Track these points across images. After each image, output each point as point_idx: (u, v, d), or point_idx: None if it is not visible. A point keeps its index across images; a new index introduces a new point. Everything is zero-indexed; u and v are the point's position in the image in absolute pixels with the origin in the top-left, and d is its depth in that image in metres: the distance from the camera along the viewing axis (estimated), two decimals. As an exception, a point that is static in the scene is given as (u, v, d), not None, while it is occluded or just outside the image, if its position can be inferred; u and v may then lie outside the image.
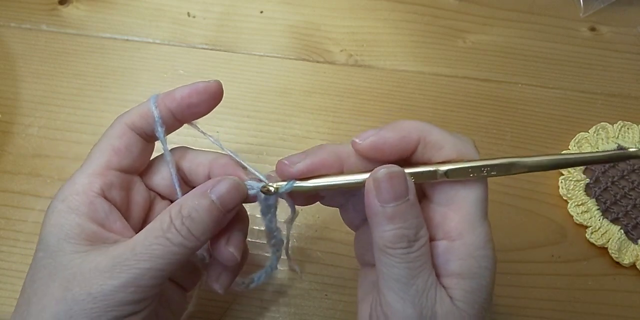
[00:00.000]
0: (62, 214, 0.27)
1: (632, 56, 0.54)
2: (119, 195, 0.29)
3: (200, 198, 0.27)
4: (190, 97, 0.29)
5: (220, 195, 0.27)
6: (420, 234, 0.26)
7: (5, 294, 0.38)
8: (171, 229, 0.26)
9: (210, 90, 0.29)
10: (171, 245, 0.25)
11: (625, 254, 0.42)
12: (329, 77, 0.50)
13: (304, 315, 0.39)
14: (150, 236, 0.26)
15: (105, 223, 0.27)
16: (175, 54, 0.51)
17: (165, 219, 0.26)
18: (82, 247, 0.26)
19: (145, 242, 0.25)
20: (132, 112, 0.29)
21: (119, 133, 0.29)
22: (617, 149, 0.47)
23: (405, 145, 0.27)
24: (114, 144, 0.29)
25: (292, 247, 0.41)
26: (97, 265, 0.25)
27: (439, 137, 0.27)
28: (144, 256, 0.25)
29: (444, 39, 0.54)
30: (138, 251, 0.25)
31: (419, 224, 0.26)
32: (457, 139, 0.27)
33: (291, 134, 0.47)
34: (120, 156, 0.29)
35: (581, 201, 0.44)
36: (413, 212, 0.26)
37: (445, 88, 0.50)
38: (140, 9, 0.53)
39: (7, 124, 0.46)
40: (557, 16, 0.56)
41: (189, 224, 0.26)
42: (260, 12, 0.54)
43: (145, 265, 0.25)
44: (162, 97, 0.29)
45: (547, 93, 0.51)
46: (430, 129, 0.27)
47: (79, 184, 0.28)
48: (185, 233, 0.26)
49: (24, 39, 0.50)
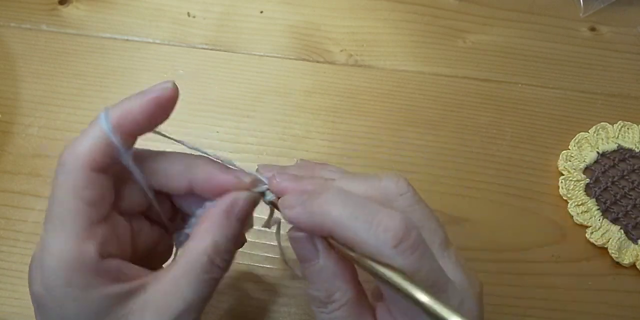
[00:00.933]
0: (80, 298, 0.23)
1: (632, 56, 0.54)
2: (113, 245, 0.25)
3: (229, 227, 0.25)
4: (153, 113, 0.25)
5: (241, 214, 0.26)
6: (333, 297, 0.25)
7: (5, 294, 0.38)
8: (214, 269, 0.25)
9: (171, 98, 0.25)
10: (216, 281, 0.25)
11: (625, 254, 0.42)
12: (329, 77, 0.50)
13: (304, 315, 0.39)
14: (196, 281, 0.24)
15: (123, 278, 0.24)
16: (175, 54, 0.51)
17: (204, 260, 0.24)
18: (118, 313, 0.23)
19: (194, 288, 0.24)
20: (86, 146, 0.24)
21: (83, 183, 0.23)
22: (617, 148, 0.47)
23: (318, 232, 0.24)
24: (85, 198, 0.23)
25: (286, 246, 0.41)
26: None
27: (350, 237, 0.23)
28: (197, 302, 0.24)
29: (444, 39, 0.54)
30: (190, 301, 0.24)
31: (331, 288, 0.25)
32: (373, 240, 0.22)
33: (291, 134, 0.47)
34: (97, 208, 0.24)
35: (581, 201, 0.44)
36: (322, 276, 0.25)
37: (445, 88, 0.50)
38: (140, 9, 0.53)
39: (7, 124, 0.46)
40: (557, 16, 0.56)
41: (227, 256, 0.25)
42: (260, 12, 0.54)
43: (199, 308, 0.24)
44: (118, 120, 0.24)
45: (547, 93, 0.51)
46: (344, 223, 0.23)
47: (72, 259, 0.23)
48: (225, 266, 0.25)
49: (24, 39, 0.50)
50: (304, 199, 0.24)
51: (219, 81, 0.49)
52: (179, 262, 0.24)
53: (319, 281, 0.25)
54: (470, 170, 0.46)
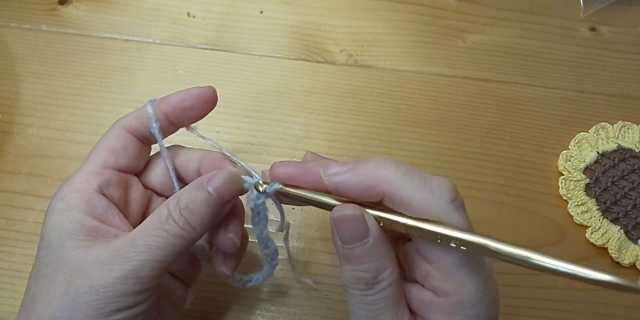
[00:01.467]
0: (62, 212, 0.27)
1: (632, 56, 0.54)
2: (116, 193, 0.29)
3: (198, 190, 0.27)
4: (184, 101, 0.30)
5: (216, 187, 0.27)
6: (381, 277, 0.25)
7: (5, 294, 0.38)
8: (169, 221, 0.26)
9: (204, 96, 0.30)
10: (169, 237, 0.26)
11: (625, 254, 0.42)
12: (329, 77, 0.50)
13: (304, 315, 0.39)
14: (149, 228, 0.26)
15: (104, 218, 0.28)
16: (175, 54, 0.51)
17: (163, 211, 0.27)
18: (83, 242, 0.26)
19: (144, 234, 0.26)
20: (129, 115, 0.30)
21: (115, 135, 0.30)
22: (617, 148, 0.47)
23: (368, 196, 0.25)
24: (111, 145, 0.30)
25: (292, 247, 0.41)
26: (97, 258, 0.25)
27: (406, 194, 0.24)
28: (143, 248, 0.25)
29: (444, 39, 0.54)
30: (137, 243, 0.25)
31: (380, 267, 0.25)
32: (429, 196, 0.24)
33: (291, 134, 0.47)
34: (116, 156, 0.29)
35: (581, 201, 0.44)
36: (372, 255, 0.25)
37: (445, 88, 0.50)
38: (140, 9, 0.53)
39: (7, 124, 0.46)
40: (557, 16, 0.56)
41: (187, 215, 0.26)
42: (260, 12, 0.54)
43: (144, 256, 0.25)
44: (158, 101, 0.30)
45: (547, 93, 0.51)
46: (398, 182, 0.24)
47: (77, 182, 0.28)
48: (183, 224, 0.26)
49: (24, 39, 0.50)
50: (350, 166, 0.25)
51: (219, 81, 0.49)
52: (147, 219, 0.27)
53: (368, 260, 0.25)
54: (470, 170, 0.46)
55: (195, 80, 0.49)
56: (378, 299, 0.25)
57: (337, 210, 0.26)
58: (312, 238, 0.42)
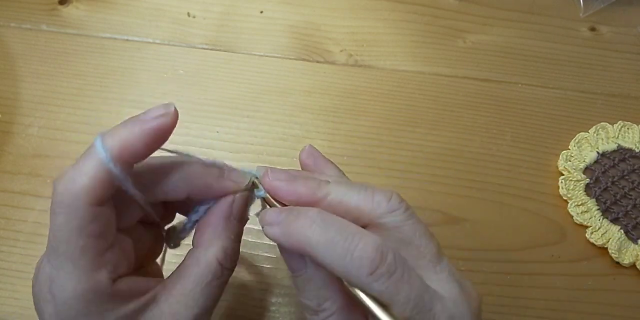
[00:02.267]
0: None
1: (632, 56, 0.54)
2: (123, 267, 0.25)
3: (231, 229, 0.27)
4: (155, 140, 0.24)
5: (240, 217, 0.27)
6: (323, 306, 0.25)
7: (5, 294, 0.38)
8: (224, 272, 0.26)
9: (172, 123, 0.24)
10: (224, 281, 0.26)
11: (625, 254, 0.42)
12: (329, 77, 0.50)
13: (304, 315, 0.39)
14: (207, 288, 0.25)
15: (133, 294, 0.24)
16: (175, 54, 0.51)
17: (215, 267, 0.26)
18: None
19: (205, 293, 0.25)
20: (83, 180, 0.22)
21: (88, 219, 0.22)
22: (617, 148, 0.47)
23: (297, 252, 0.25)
24: (92, 231, 0.23)
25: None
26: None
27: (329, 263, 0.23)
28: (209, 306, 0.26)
29: (444, 39, 0.54)
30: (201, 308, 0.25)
31: (321, 297, 0.25)
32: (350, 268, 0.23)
33: (291, 134, 0.47)
34: (105, 239, 0.24)
35: (581, 201, 0.44)
36: (311, 286, 0.25)
37: (445, 88, 0.50)
38: (140, 9, 0.53)
39: (7, 124, 0.46)
40: (557, 16, 0.56)
41: (234, 257, 0.27)
42: (260, 12, 0.54)
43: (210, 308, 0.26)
44: (116, 150, 0.23)
45: (547, 93, 0.51)
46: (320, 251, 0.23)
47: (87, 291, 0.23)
48: (232, 266, 0.27)
49: (24, 39, 0.50)
50: (282, 218, 0.25)
51: (219, 81, 0.49)
52: (190, 272, 0.25)
53: (308, 290, 0.25)
54: (470, 170, 0.46)
55: (195, 80, 0.49)
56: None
57: None
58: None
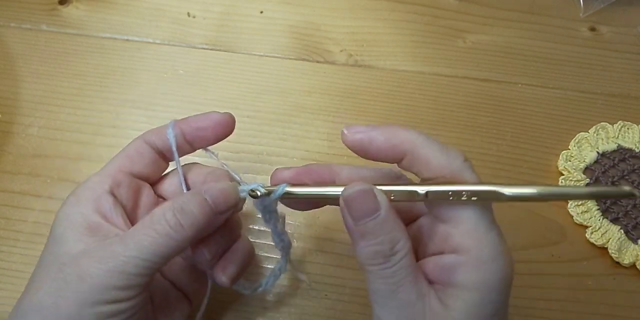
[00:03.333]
0: (70, 205, 0.29)
1: (632, 56, 0.54)
2: (126, 195, 0.31)
3: (194, 195, 0.28)
4: (206, 129, 0.31)
5: (212, 194, 0.28)
6: (396, 248, 0.26)
7: (6, 294, 0.38)
8: (160, 221, 0.27)
9: (223, 123, 0.32)
10: (157, 236, 0.27)
11: (625, 254, 0.42)
12: (329, 77, 0.50)
13: (304, 315, 0.39)
14: (139, 227, 0.27)
15: (109, 217, 0.29)
16: (175, 54, 0.51)
17: (156, 211, 0.27)
18: (84, 237, 0.28)
19: (135, 232, 0.27)
20: (152, 131, 0.32)
21: (134, 145, 0.32)
22: (617, 148, 0.47)
23: (391, 153, 0.27)
24: (129, 152, 0.32)
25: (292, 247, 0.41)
26: (89, 251, 0.27)
27: (427, 153, 0.26)
28: (131, 245, 0.26)
29: (444, 39, 0.54)
30: (126, 240, 0.27)
31: (395, 239, 0.26)
32: (446, 156, 0.26)
33: (291, 134, 0.47)
34: (132, 161, 0.31)
35: (581, 201, 0.44)
36: (385, 228, 0.26)
37: (445, 88, 0.50)
38: (140, 9, 0.53)
39: (7, 124, 0.46)
40: (557, 16, 0.56)
41: (180, 215, 0.27)
42: (260, 12, 0.54)
43: (131, 253, 0.26)
44: (178, 121, 0.32)
45: (547, 93, 0.51)
46: (421, 143, 0.27)
47: (90, 181, 0.30)
48: (173, 223, 0.27)
49: (24, 39, 0.50)
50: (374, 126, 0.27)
51: (219, 81, 0.49)
52: None
53: (382, 233, 0.26)
54: (470, 170, 0.46)
55: (195, 80, 0.49)
56: (397, 270, 0.26)
57: (346, 189, 0.26)
58: (312, 238, 0.42)
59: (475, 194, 0.25)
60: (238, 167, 0.44)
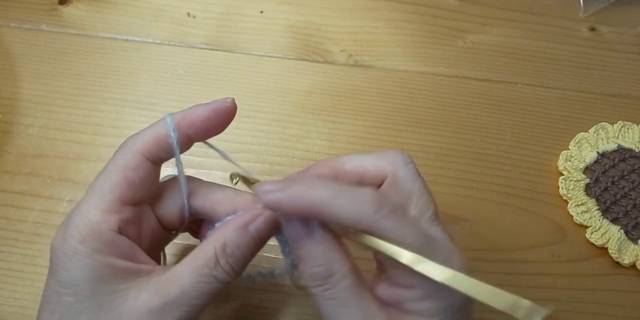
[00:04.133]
0: (87, 256, 0.25)
1: (632, 56, 0.54)
2: (133, 230, 0.28)
3: (242, 235, 0.27)
4: (210, 120, 0.28)
5: (259, 231, 0.27)
6: (334, 269, 0.25)
7: (5, 294, 0.38)
8: (217, 268, 0.26)
9: (228, 110, 0.29)
10: (217, 282, 0.26)
11: (625, 254, 0.42)
12: (329, 77, 0.50)
13: (304, 315, 0.39)
14: (196, 274, 0.26)
15: (132, 258, 0.27)
16: (175, 54, 0.51)
17: (210, 255, 0.26)
18: (119, 286, 0.25)
19: (192, 279, 0.25)
20: (145, 137, 0.28)
21: (134, 164, 0.27)
22: (617, 148, 0.47)
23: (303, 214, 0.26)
24: (129, 177, 0.27)
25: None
26: (145, 305, 0.25)
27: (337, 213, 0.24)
28: (193, 294, 0.25)
29: (444, 39, 0.54)
30: (186, 289, 0.25)
31: (331, 260, 0.26)
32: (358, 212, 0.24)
33: (291, 134, 0.47)
34: (134, 190, 0.27)
35: (581, 201, 0.44)
36: (320, 249, 0.26)
37: (445, 88, 0.50)
38: (140, 9, 0.53)
39: (7, 124, 0.46)
40: (557, 16, 0.56)
41: (233, 261, 0.26)
42: (260, 12, 0.54)
43: (194, 302, 0.25)
44: (179, 121, 0.28)
45: (547, 93, 0.51)
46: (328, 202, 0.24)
47: (94, 222, 0.26)
48: (228, 270, 0.26)
49: (24, 39, 0.50)
50: (283, 185, 0.25)
51: (219, 81, 0.49)
52: (187, 256, 0.26)
53: (317, 255, 0.26)
54: (470, 170, 0.46)
55: (196, 80, 0.49)
56: (336, 292, 0.25)
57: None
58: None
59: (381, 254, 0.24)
60: (238, 167, 0.44)
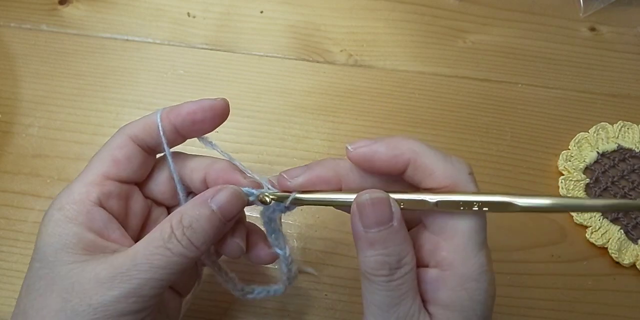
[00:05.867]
0: (60, 224, 0.26)
1: (632, 56, 0.54)
2: (116, 205, 0.28)
3: (201, 208, 0.26)
4: (195, 113, 0.29)
5: (220, 205, 0.27)
6: (404, 261, 0.25)
7: (5, 294, 0.38)
8: (172, 239, 0.25)
9: (215, 108, 0.29)
10: (172, 255, 0.25)
11: (625, 254, 0.42)
12: (329, 77, 0.50)
13: (304, 315, 0.39)
14: (150, 246, 0.25)
15: (104, 232, 0.27)
16: (175, 54, 0.51)
17: (166, 228, 0.26)
18: (80, 257, 0.26)
19: (146, 252, 0.25)
20: (135, 124, 0.29)
21: (120, 144, 0.29)
22: (617, 148, 0.47)
23: (394, 164, 0.26)
24: (114, 155, 0.29)
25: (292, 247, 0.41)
26: (96, 276, 0.25)
27: (431, 162, 0.26)
28: (145, 266, 0.25)
29: (444, 39, 0.54)
30: (138, 261, 0.25)
31: (403, 251, 0.25)
32: (450, 166, 0.26)
33: (291, 134, 0.47)
34: (119, 167, 0.29)
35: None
36: (396, 239, 0.25)
37: (445, 88, 0.50)
38: (140, 9, 0.53)
39: (7, 124, 0.46)
40: (557, 16, 0.56)
41: (190, 234, 0.26)
42: (260, 12, 0.54)
43: (145, 275, 0.25)
44: (167, 111, 0.29)
45: (547, 93, 0.51)
46: (423, 152, 0.26)
47: (76, 193, 0.27)
48: (186, 243, 0.26)
49: (24, 39, 0.50)
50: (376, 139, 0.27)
51: (219, 81, 0.49)
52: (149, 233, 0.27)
53: (392, 245, 0.25)
54: (470, 170, 0.46)
55: (196, 80, 0.49)
56: (401, 284, 0.25)
57: (360, 195, 0.26)
58: (312, 238, 0.42)
59: (487, 204, 0.25)
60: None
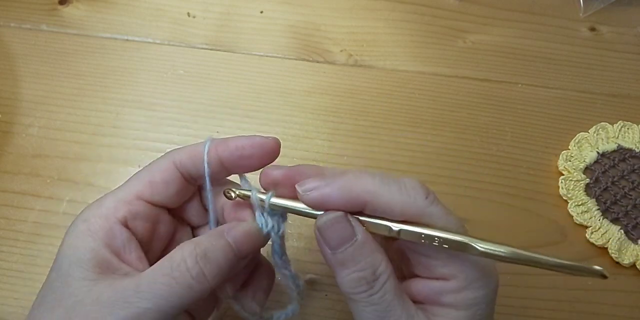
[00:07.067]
0: (80, 236, 0.26)
1: (632, 56, 0.54)
2: (142, 226, 0.28)
3: (217, 238, 0.26)
4: (244, 148, 0.28)
5: (236, 239, 0.26)
6: (378, 272, 0.25)
7: (5, 294, 0.38)
8: (180, 268, 0.24)
9: (265, 146, 0.28)
10: (176, 286, 0.24)
11: (625, 254, 0.42)
12: (329, 77, 0.50)
13: (304, 315, 0.39)
14: (157, 273, 0.24)
15: (120, 252, 0.26)
16: (175, 54, 0.51)
17: (176, 256, 0.25)
18: (91, 274, 0.25)
19: (151, 279, 0.24)
20: (183, 150, 0.29)
21: (162, 167, 0.28)
22: (617, 148, 0.47)
23: (350, 207, 0.26)
24: (153, 176, 0.28)
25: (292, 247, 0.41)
26: (99, 298, 0.24)
27: (387, 200, 0.25)
28: (147, 295, 0.24)
29: (444, 39, 0.54)
30: (141, 289, 0.24)
31: (375, 261, 0.25)
32: (407, 198, 0.25)
33: (291, 134, 0.47)
34: (154, 189, 0.28)
35: (581, 201, 0.44)
36: (364, 252, 0.25)
37: (445, 88, 0.50)
38: (140, 9, 0.53)
39: (7, 124, 0.46)
40: (557, 16, 0.56)
41: (203, 263, 0.25)
42: (260, 12, 0.54)
43: (146, 304, 0.23)
44: (216, 143, 0.28)
45: (547, 93, 0.51)
46: (377, 191, 0.25)
47: (104, 207, 0.27)
48: (196, 273, 0.24)
49: (24, 39, 0.50)
50: (326, 180, 0.26)
51: (219, 81, 0.49)
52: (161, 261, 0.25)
53: (362, 259, 0.25)
54: (470, 170, 0.46)
55: (196, 80, 0.49)
56: (383, 295, 0.25)
57: (319, 218, 0.26)
58: (312, 238, 0.42)
59: (447, 242, 0.25)
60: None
